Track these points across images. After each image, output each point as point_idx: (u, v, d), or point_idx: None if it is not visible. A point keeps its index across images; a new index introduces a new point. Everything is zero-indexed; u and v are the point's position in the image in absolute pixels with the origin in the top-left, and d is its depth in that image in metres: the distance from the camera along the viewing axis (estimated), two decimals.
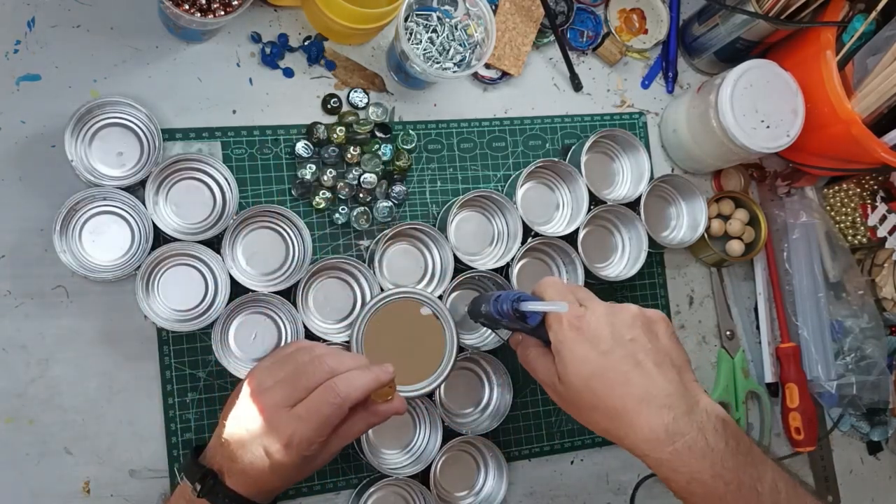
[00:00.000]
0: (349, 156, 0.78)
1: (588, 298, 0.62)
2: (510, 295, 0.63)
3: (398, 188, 0.80)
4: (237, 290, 0.71)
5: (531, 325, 0.62)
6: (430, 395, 0.76)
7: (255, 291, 0.72)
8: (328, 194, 0.78)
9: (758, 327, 0.94)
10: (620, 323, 0.59)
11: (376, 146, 0.80)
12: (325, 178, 0.77)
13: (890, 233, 0.93)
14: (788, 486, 0.56)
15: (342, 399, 0.58)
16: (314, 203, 0.77)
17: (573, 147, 0.87)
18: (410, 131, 0.82)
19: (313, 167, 0.77)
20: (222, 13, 0.69)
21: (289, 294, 0.73)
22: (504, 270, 0.80)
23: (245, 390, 0.61)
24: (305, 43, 0.80)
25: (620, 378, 0.56)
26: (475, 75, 0.85)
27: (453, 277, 0.78)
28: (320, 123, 0.78)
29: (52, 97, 0.72)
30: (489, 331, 0.81)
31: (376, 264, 0.77)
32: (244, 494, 0.59)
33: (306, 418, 0.57)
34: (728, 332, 0.93)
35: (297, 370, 0.60)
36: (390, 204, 0.80)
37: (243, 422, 0.59)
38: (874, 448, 0.97)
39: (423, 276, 0.80)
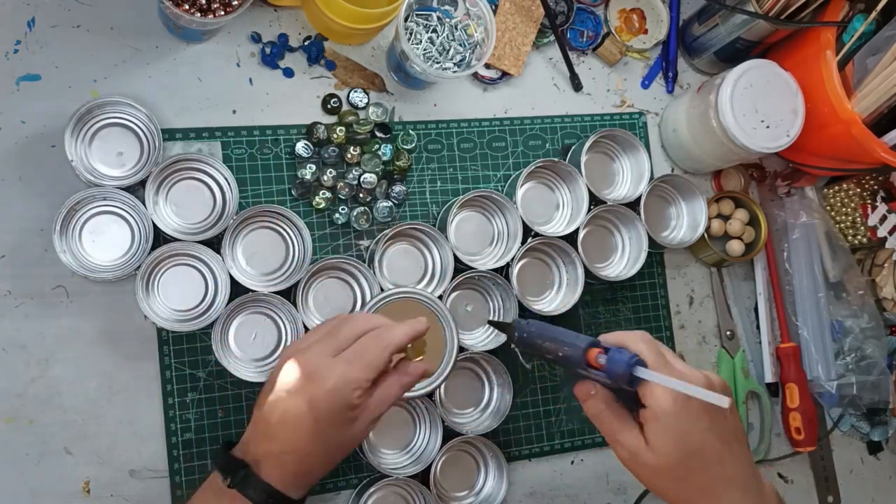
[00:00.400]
0: (349, 155, 0.79)
1: (676, 361, 0.60)
2: (625, 357, 0.57)
3: (398, 188, 0.80)
4: (237, 290, 0.71)
5: (632, 388, 0.58)
6: (430, 395, 0.76)
7: (255, 291, 0.72)
8: (328, 194, 0.78)
9: (758, 327, 0.94)
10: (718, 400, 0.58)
11: (376, 146, 0.80)
12: (325, 178, 0.77)
13: (890, 233, 0.93)
14: None
15: (386, 343, 0.60)
16: (314, 203, 0.77)
17: (573, 147, 0.87)
18: (410, 131, 0.82)
19: (313, 167, 0.77)
20: (222, 13, 0.69)
21: (289, 294, 0.73)
22: (504, 270, 0.80)
23: (284, 359, 0.61)
24: (305, 43, 0.80)
25: (716, 458, 0.57)
26: (475, 75, 0.85)
27: (453, 277, 0.78)
28: (320, 123, 0.78)
29: (52, 97, 0.72)
30: (489, 331, 0.81)
31: (376, 264, 0.77)
32: (278, 486, 0.58)
33: (352, 360, 0.59)
34: (728, 332, 0.93)
35: (336, 327, 0.62)
36: (390, 204, 0.80)
37: (284, 383, 0.59)
38: (874, 448, 0.97)
39: (423, 276, 0.80)
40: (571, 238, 0.81)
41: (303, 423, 0.58)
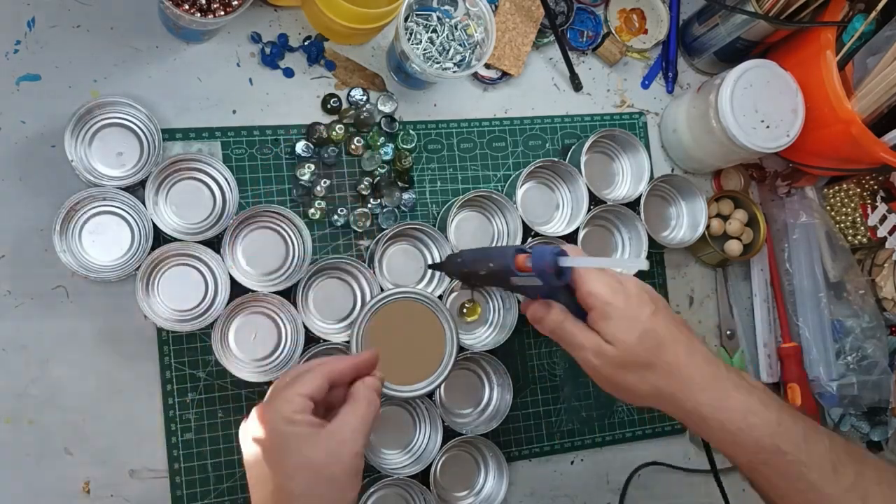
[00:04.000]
0: (353, 147, 0.78)
1: (621, 274, 0.63)
2: (552, 249, 0.59)
3: (407, 196, 0.80)
4: (237, 290, 0.71)
5: (562, 282, 0.59)
6: (430, 395, 0.76)
7: (255, 291, 0.72)
8: (322, 204, 0.78)
9: (754, 328, 0.94)
10: (652, 291, 0.61)
11: (381, 139, 0.80)
12: (319, 188, 0.77)
13: (890, 233, 0.93)
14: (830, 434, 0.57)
15: (323, 366, 0.56)
16: (310, 214, 0.77)
17: (573, 147, 0.87)
18: (410, 131, 0.82)
19: (313, 167, 0.77)
20: (222, 13, 0.69)
21: (289, 294, 0.73)
22: None
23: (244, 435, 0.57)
24: (305, 43, 0.80)
25: (670, 335, 0.58)
26: (475, 75, 0.85)
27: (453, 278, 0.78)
28: (320, 123, 0.78)
29: (52, 97, 0.72)
30: (489, 331, 0.81)
31: (376, 264, 0.77)
32: None
33: (286, 384, 0.55)
34: (728, 332, 0.93)
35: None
36: (396, 214, 0.80)
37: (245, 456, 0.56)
38: (874, 448, 0.97)
39: (423, 276, 0.80)
40: (571, 238, 0.81)
41: (280, 475, 0.53)
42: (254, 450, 0.54)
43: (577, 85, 0.89)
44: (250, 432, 0.55)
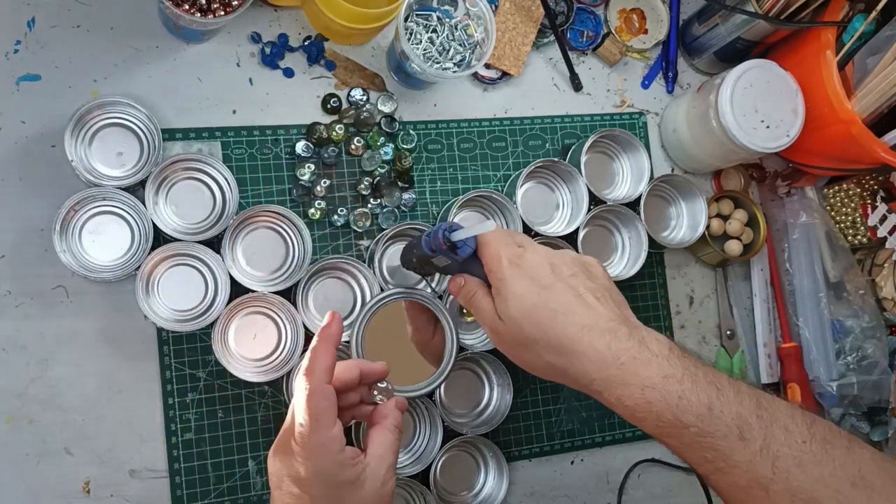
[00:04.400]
0: (353, 147, 0.78)
1: (527, 241, 0.62)
2: (442, 226, 0.61)
3: (407, 196, 0.80)
4: (237, 290, 0.71)
5: (461, 256, 0.61)
6: (430, 395, 0.76)
7: (255, 291, 0.72)
8: (322, 204, 0.78)
9: (754, 328, 0.94)
10: (560, 261, 0.59)
11: (381, 139, 0.80)
12: (319, 188, 0.77)
13: (890, 233, 0.93)
14: (742, 380, 0.55)
15: (301, 375, 0.56)
16: (310, 214, 0.77)
17: (573, 147, 0.87)
18: (410, 131, 0.82)
19: (313, 167, 0.77)
20: (222, 13, 0.69)
21: (289, 294, 0.73)
22: None
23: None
24: (305, 43, 0.80)
25: (562, 309, 0.56)
26: (475, 75, 0.85)
27: None
28: (320, 123, 0.78)
29: (52, 97, 0.72)
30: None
31: (376, 264, 0.77)
32: None
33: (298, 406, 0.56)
34: (728, 332, 0.93)
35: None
36: (397, 214, 0.80)
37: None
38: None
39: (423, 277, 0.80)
40: (571, 238, 0.81)
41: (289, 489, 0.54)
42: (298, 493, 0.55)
43: (577, 85, 0.89)
44: (294, 478, 0.54)
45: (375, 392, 0.62)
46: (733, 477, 0.52)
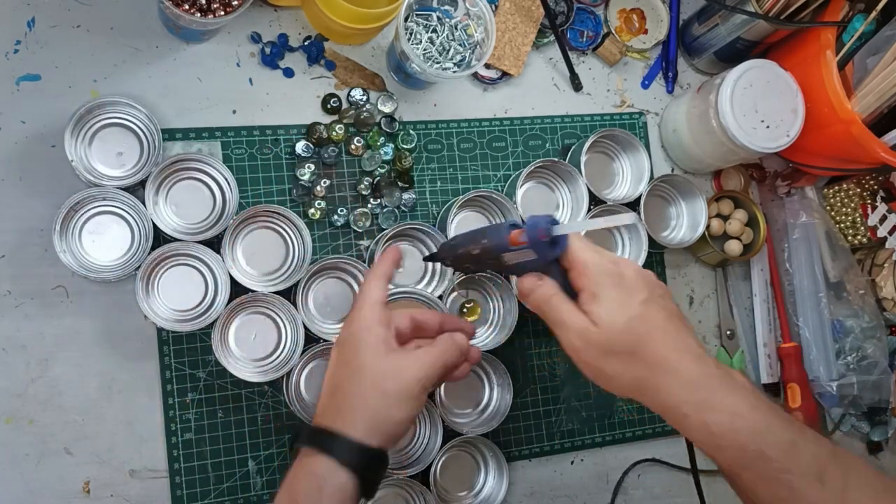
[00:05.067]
0: (353, 147, 0.78)
1: (613, 254, 0.63)
2: (543, 218, 0.58)
3: (407, 196, 0.80)
4: (237, 290, 0.71)
5: (555, 253, 0.58)
6: (431, 395, 0.76)
7: (255, 291, 0.72)
8: (322, 204, 0.78)
9: (754, 329, 0.94)
10: (651, 278, 0.59)
11: (381, 139, 0.80)
12: (319, 188, 0.77)
13: (890, 233, 0.93)
14: (816, 433, 0.54)
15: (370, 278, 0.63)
16: (310, 214, 0.77)
17: (573, 147, 0.87)
18: (410, 131, 0.82)
19: (313, 167, 0.77)
20: (222, 13, 0.69)
21: (289, 294, 0.73)
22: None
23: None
24: (305, 43, 0.80)
25: (660, 326, 0.55)
26: (475, 75, 0.85)
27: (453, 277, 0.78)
28: (320, 123, 0.78)
29: (52, 97, 0.72)
30: (489, 330, 0.81)
31: None
32: (365, 440, 0.55)
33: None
34: (728, 332, 0.93)
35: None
36: (397, 214, 0.80)
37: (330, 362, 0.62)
38: (874, 448, 0.97)
39: (423, 276, 0.80)
40: None
41: (343, 371, 0.59)
42: (335, 349, 0.62)
43: (577, 85, 0.89)
44: (340, 336, 0.61)
45: None
46: None
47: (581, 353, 0.57)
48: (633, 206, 0.85)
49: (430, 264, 0.79)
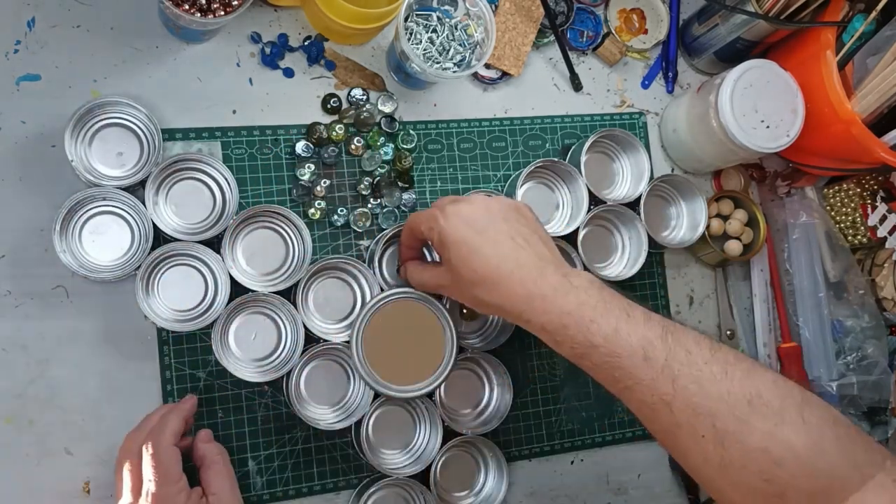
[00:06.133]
0: (353, 147, 0.79)
1: (462, 197, 0.68)
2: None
3: (407, 196, 0.80)
4: (237, 290, 0.71)
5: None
6: (430, 395, 0.76)
7: (255, 291, 0.72)
8: (322, 204, 0.78)
9: (754, 329, 0.94)
10: (494, 208, 0.65)
11: (381, 139, 0.80)
12: (319, 188, 0.77)
13: (890, 233, 0.93)
14: (660, 315, 0.60)
15: (165, 442, 0.65)
16: (310, 214, 0.77)
17: (573, 147, 0.87)
18: (410, 131, 0.82)
19: (313, 167, 0.77)
20: (222, 13, 0.69)
21: (289, 294, 0.73)
22: None
23: None
24: (305, 43, 0.80)
25: (495, 251, 0.62)
26: (475, 75, 0.85)
27: None
28: (320, 123, 0.78)
29: (52, 97, 0.72)
30: (486, 330, 0.81)
31: (376, 264, 0.77)
32: None
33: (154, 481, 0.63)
34: (728, 332, 0.93)
35: (125, 468, 0.65)
36: (397, 214, 0.80)
37: None
38: None
39: None
40: (571, 238, 0.81)
41: None
42: None
43: (577, 85, 0.89)
44: None
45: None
46: (639, 394, 0.57)
47: (449, 293, 0.69)
48: (633, 206, 0.85)
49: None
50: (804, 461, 0.52)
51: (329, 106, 0.80)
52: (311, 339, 0.73)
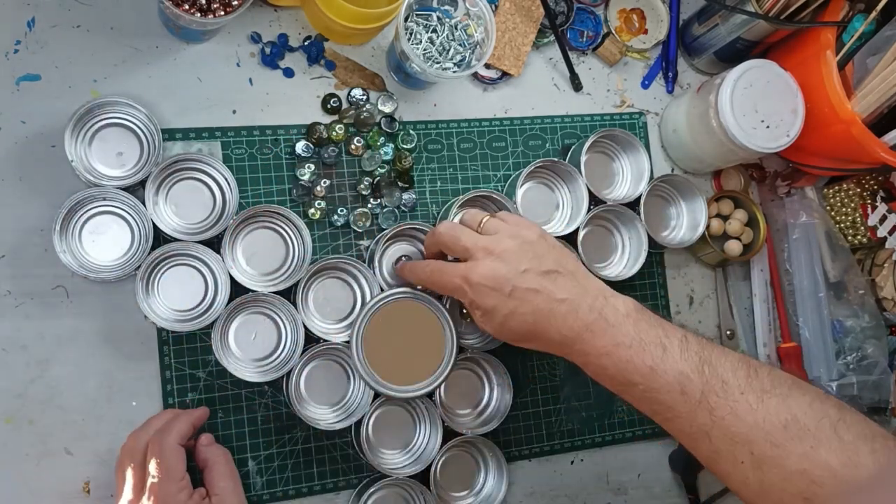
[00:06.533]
0: (353, 147, 0.79)
1: (467, 245, 0.67)
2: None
3: (407, 196, 0.80)
4: (237, 290, 0.71)
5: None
6: (430, 395, 0.76)
7: (255, 291, 0.72)
8: (322, 204, 0.78)
9: (754, 329, 0.94)
10: (512, 259, 0.65)
11: (381, 139, 0.80)
12: (319, 188, 0.77)
13: (890, 233, 0.93)
14: (698, 339, 0.62)
15: (172, 443, 0.65)
16: (310, 214, 0.77)
17: (573, 147, 0.87)
18: (410, 131, 0.82)
19: (313, 167, 0.77)
20: (222, 13, 0.69)
21: (289, 294, 0.73)
22: None
23: None
24: (305, 43, 0.80)
25: (529, 309, 0.63)
26: (475, 75, 0.85)
27: None
28: (320, 123, 0.78)
29: (52, 97, 0.72)
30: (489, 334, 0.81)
31: (376, 264, 0.77)
32: None
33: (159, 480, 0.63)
34: (728, 332, 0.93)
35: (126, 467, 0.65)
36: (397, 213, 0.80)
37: None
38: None
39: None
40: (571, 238, 0.81)
41: None
42: None
43: (577, 85, 0.89)
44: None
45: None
46: (679, 425, 0.60)
47: (468, 295, 0.66)
48: (633, 206, 0.85)
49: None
50: (842, 478, 0.53)
51: (329, 106, 0.80)
52: (311, 339, 0.73)
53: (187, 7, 0.68)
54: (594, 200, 0.83)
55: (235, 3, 0.70)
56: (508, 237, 0.66)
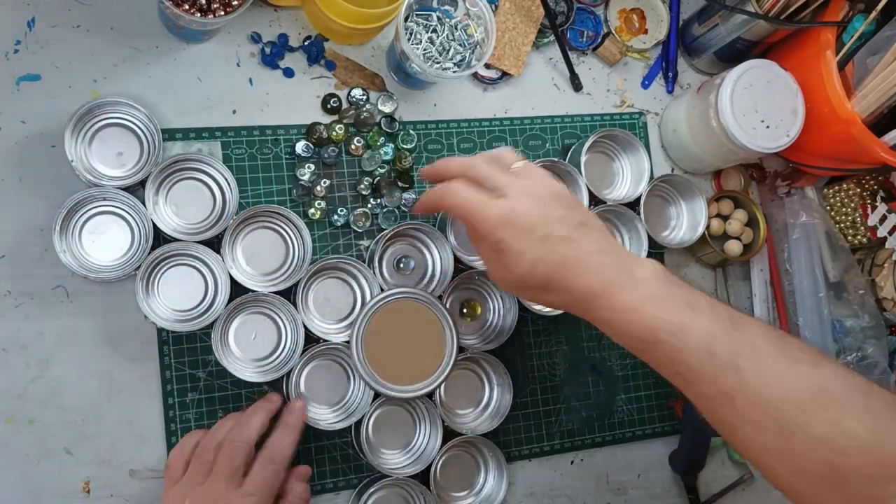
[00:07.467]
0: (353, 147, 0.79)
1: (502, 183, 0.63)
2: None
3: (407, 196, 0.80)
4: (237, 290, 0.71)
5: None
6: (430, 395, 0.76)
7: (255, 291, 0.72)
8: (322, 204, 0.78)
9: None
10: (549, 205, 0.62)
11: (381, 139, 0.80)
12: (319, 188, 0.77)
13: (890, 233, 0.93)
14: (725, 304, 0.61)
15: (279, 465, 0.67)
16: (310, 214, 0.77)
17: (573, 147, 0.87)
18: (410, 131, 0.82)
19: (313, 167, 0.77)
20: (222, 13, 0.69)
21: (289, 294, 0.73)
22: None
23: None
24: (305, 43, 0.80)
25: (559, 257, 0.60)
26: (475, 75, 0.85)
27: (453, 278, 0.78)
28: (320, 123, 0.78)
29: (52, 97, 0.72)
30: (489, 334, 0.81)
31: (376, 264, 0.77)
32: None
33: (257, 493, 0.65)
34: None
35: (222, 459, 0.66)
36: (397, 213, 0.80)
37: None
38: None
39: (423, 277, 0.80)
40: None
41: None
42: None
43: (577, 85, 0.89)
44: None
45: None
46: (701, 388, 0.57)
47: (499, 233, 0.61)
48: (633, 206, 0.85)
49: (430, 265, 0.79)
50: (869, 449, 0.52)
51: (329, 106, 0.80)
52: (311, 339, 0.73)
53: (187, 7, 0.68)
54: (594, 200, 0.83)
55: (235, 3, 0.70)
56: (542, 185, 0.63)
